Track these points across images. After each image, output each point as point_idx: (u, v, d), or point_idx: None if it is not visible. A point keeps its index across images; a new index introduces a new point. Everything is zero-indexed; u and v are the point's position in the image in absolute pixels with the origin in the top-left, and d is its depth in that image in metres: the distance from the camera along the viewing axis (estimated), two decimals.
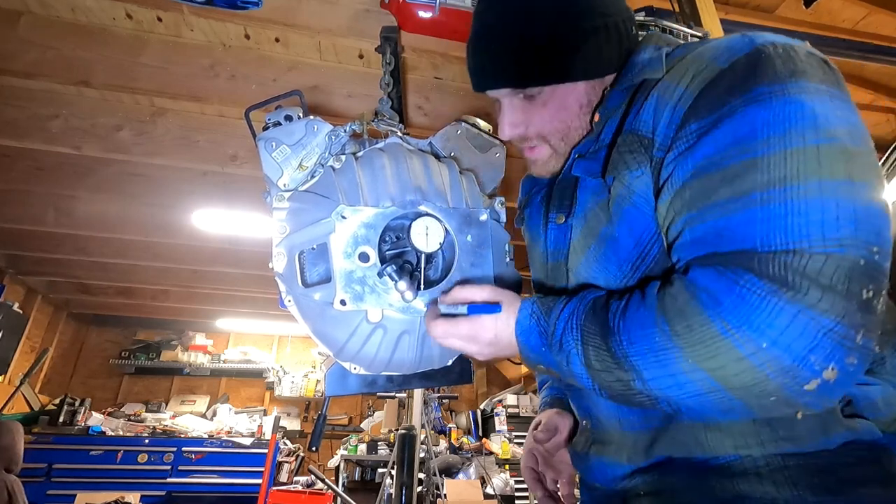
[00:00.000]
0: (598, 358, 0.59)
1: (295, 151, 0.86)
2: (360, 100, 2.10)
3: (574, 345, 0.62)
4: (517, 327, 0.69)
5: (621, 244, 0.68)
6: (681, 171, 0.59)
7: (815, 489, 0.56)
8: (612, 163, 0.68)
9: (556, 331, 0.65)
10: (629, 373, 0.57)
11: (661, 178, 0.62)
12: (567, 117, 0.74)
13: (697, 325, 0.52)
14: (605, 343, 0.59)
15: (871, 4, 2.22)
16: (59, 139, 2.16)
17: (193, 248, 3.52)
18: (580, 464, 0.83)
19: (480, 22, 0.73)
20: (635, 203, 0.66)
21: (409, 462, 2.30)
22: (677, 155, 0.60)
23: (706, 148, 0.57)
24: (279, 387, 5.64)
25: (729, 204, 0.54)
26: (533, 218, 0.88)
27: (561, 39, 0.67)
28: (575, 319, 0.63)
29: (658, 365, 0.54)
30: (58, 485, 4.11)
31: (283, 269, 0.81)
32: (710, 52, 0.62)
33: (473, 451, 4.24)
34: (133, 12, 1.86)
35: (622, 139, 0.68)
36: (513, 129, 0.76)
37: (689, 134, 0.59)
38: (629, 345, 0.57)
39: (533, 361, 0.69)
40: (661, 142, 0.63)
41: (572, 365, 0.63)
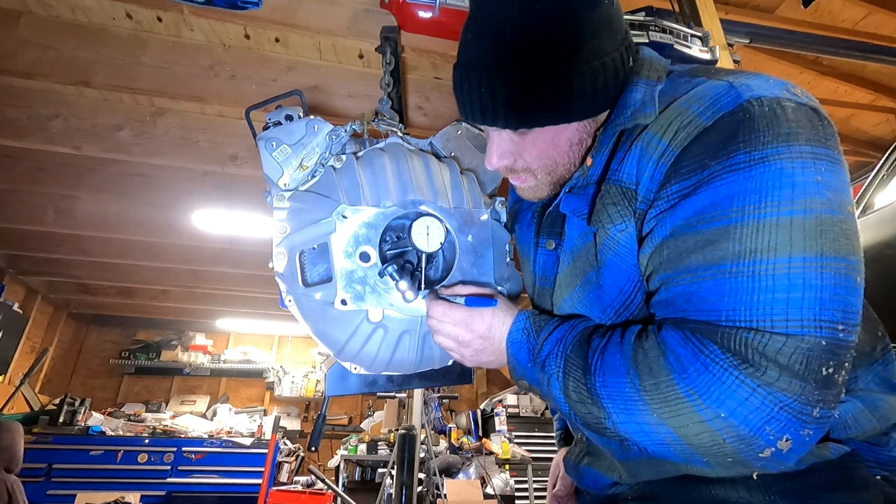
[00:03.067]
0: (577, 390, 0.63)
1: (295, 151, 0.86)
2: (360, 100, 2.10)
3: (556, 371, 0.65)
4: (509, 337, 0.72)
5: (605, 291, 0.69)
6: (660, 229, 0.60)
7: (785, 494, 0.58)
8: (595, 213, 0.68)
9: (541, 351, 0.68)
10: (602, 411, 0.60)
11: (644, 231, 0.63)
12: (555, 155, 0.71)
13: (664, 385, 0.55)
14: (584, 378, 0.62)
15: (871, 4, 2.23)
16: (59, 139, 2.16)
17: (193, 248, 3.52)
18: (573, 472, 0.85)
19: (468, 54, 0.66)
20: (619, 253, 0.66)
21: (409, 462, 2.30)
22: (658, 213, 0.61)
23: (684, 211, 0.58)
24: (279, 387, 5.64)
25: (699, 271, 0.56)
26: (523, 233, 0.89)
27: (555, 82, 0.63)
28: (561, 347, 0.66)
29: (626, 412, 0.58)
30: (58, 485, 4.11)
31: (283, 269, 0.81)
32: (696, 103, 0.61)
33: (473, 451, 4.23)
34: (133, 12, 1.86)
35: (605, 188, 0.68)
36: (500, 160, 0.73)
37: (670, 194, 0.60)
38: (602, 387, 0.60)
39: (518, 375, 0.72)
40: (643, 195, 0.63)
41: (552, 388, 0.66)
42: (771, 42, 1.96)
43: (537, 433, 4.79)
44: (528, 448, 4.60)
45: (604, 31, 0.63)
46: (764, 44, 1.97)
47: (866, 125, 2.82)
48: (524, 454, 4.40)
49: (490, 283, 0.87)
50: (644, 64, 0.70)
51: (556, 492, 0.99)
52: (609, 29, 0.64)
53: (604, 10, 0.63)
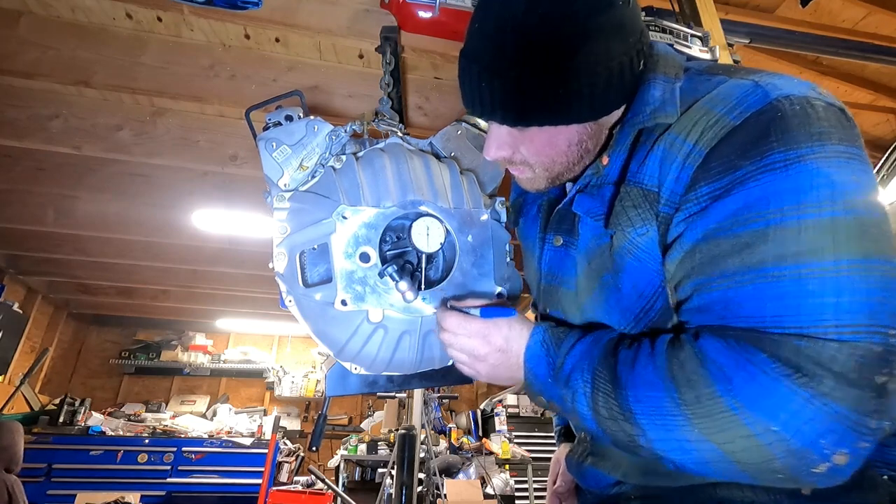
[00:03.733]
0: (607, 406, 0.59)
1: (295, 151, 0.86)
2: (360, 100, 2.10)
3: (583, 386, 0.61)
4: (527, 351, 0.68)
5: (624, 294, 0.67)
6: (691, 233, 0.58)
7: (791, 494, 0.57)
8: (615, 215, 0.66)
9: (563, 365, 0.64)
10: (635, 428, 0.56)
11: (670, 236, 0.61)
12: (553, 153, 0.70)
13: (706, 398, 0.51)
14: (614, 392, 0.58)
15: (871, 4, 2.23)
16: (59, 139, 2.16)
17: (193, 248, 3.52)
18: (575, 471, 0.84)
19: (471, 44, 0.66)
20: (639, 257, 0.64)
21: (409, 462, 2.30)
22: (687, 216, 0.58)
23: (717, 213, 0.55)
24: (279, 387, 5.64)
25: (737, 275, 0.53)
26: (528, 227, 0.87)
27: (553, 84, 0.61)
28: (587, 361, 0.62)
29: (664, 429, 0.54)
30: (58, 485, 4.11)
31: (283, 270, 0.81)
32: (721, 103, 0.59)
33: (473, 451, 4.23)
34: (133, 12, 1.86)
35: (625, 190, 0.65)
36: (498, 150, 0.72)
37: (699, 197, 0.57)
38: (636, 402, 0.56)
39: (535, 391, 0.68)
40: (667, 197, 0.61)
41: (577, 404, 0.62)
42: (771, 42, 1.96)
43: (537, 433, 4.79)
44: (528, 448, 4.60)
45: (611, 34, 0.61)
46: (764, 44, 1.97)
47: (866, 125, 2.82)
48: (524, 454, 4.40)
49: (490, 283, 0.87)
50: (660, 60, 0.68)
51: (556, 488, 0.97)
52: (619, 32, 0.61)
53: (614, 12, 0.60)
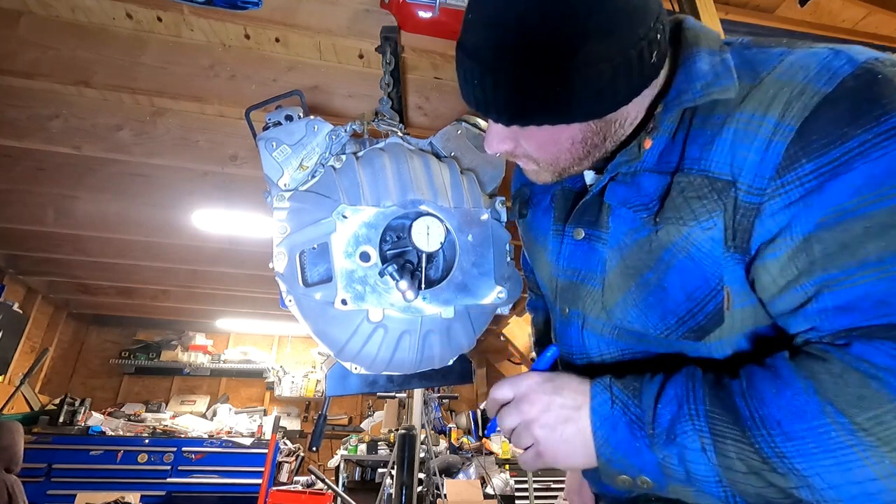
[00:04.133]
0: (743, 456, 0.47)
1: (295, 151, 0.86)
2: (360, 100, 2.10)
3: (698, 438, 0.49)
4: (593, 417, 0.56)
5: (669, 295, 0.59)
6: (802, 220, 0.49)
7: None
8: (671, 208, 0.58)
9: (657, 418, 0.52)
10: (792, 478, 0.45)
11: (763, 231, 0.52)
12: (556, 150, 0.64)
13: (889, 418, 0.42)
14: (746, 435, 0.47)
15: (871, 4, 2.23)
16: (59, 139, 2.16)
17: (193, 248, 3.52)
18: (591, 474, 0.75)
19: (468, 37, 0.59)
20: (693, 256, 0.57)
21: (409, 462, 2.30)
22: (790, 202, 0.50)
23: (836, 194, 0.48)
24: (279, 387, 5.64)
25: (886, 263, 0.45)
26: (539, 219, 0.81)
27: (553, 84, 0.54)
28: (692, 404, 0.51)
29: (838, 469, 0.43)
30: (58, 485, 4.11)
31: (283, 269, 0.81)
32: (801, 71, 0.52)
33: (473, 451, 4.24)
34: (133, 12, 1.86)
35: (686, 180, 0.57)
36: (499, 145, 0.66)
37: (803, 177, 0.49)
38: (786, 441, 0.45)
39: (616, 465, 0.55)
40: (749, 183, 0.52)
41: (692, 464, 0.50)
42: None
43: None
44: None
45: (616, 30, 0.53)
46: None
47: None
48: None
49: (490, 282, 0.87)
50: (698, 34, 0.61)
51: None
52: (625, 26, 0.53)
53: (618, 7, 0.52)
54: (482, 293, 0.86)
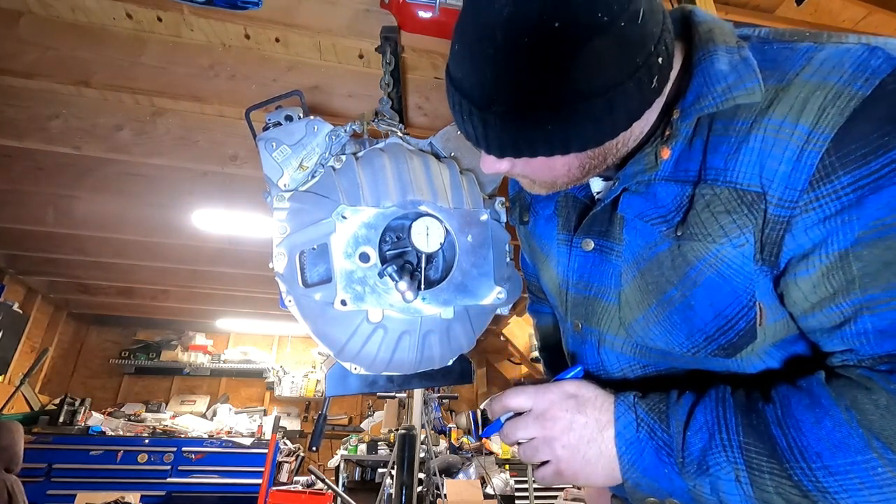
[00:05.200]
0: (781, 490, 0.45)
1: (295, 151, 0.86)
2: (360, 100, 2.10)
3: (731, 467, 0.47)
4: (618, 441, 0.54)
5: (697, 313, 0.56)
6: (839, 237, 0.46)
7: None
8: (696, 223, 0.54)
9: (687, 447, 0.50)
10: None
11: (796, 244, 0.49)
12: (551, 176, 0.60)
13: None
14: (784, 468, 0.45)
15: (871, 4, 2.23)
16: (59, 139, 2.16)
17: (193, 248, 3.52)
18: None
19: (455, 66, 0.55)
20: (722, 273, 0.53)
21: (409, 462, 2.30)
22: (825, 217, 0.46)
23: (877, 208, 0.44)
24: (279, 387, 5.64)
25: None
26: (542, 228, 0.78)
27: (545, 120, 0.50)
28: (726, 433, 0.49)
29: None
30: (58, 485, 4.11)
31: (283, 270, 0.81)
32: (833, 72, 0.48)
33: (473, 451, 4.24)
34: (133, 12, 1.86)
35: (710, 192, 0.53)
36: (495, 165, 0.60)
37: (839, 189, 0.46)
38: (828, 476, 0.43)
39: (644, 489, 0.53)
40: (781, 196, 0.49)
41: (725, 495, 0.48)
42: None
43: None
44: None
45: (612, 58, 0.47)
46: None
47: None
48: None
49: (490, 283, 0.87)
50: (711, 27, 0.56)
51: None
52: (623, 53, 0.48)
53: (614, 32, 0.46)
54: (482, 294, 0.86)
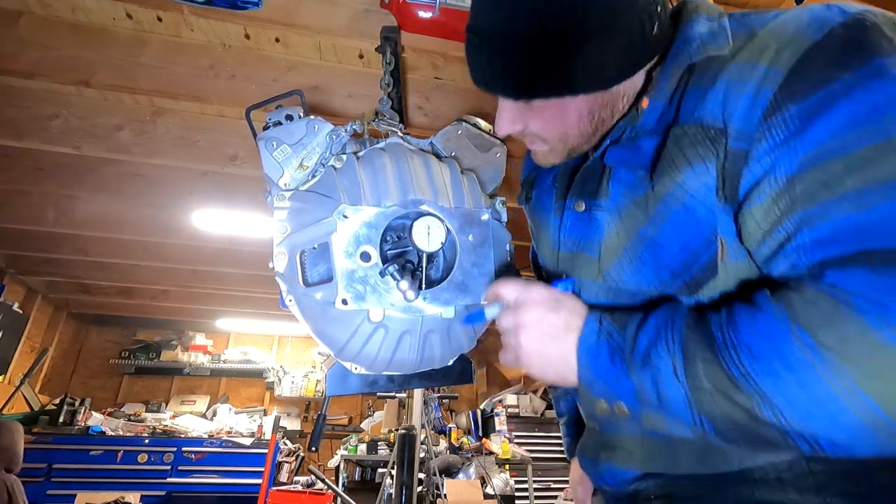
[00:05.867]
0: (711, 374, 0.47)
1: (296, 151, 0.86)
2: (360, 100, 2.09)
3: (670, 358, 0.50)
4: (580, 344, 0.58)
5: (664, 248, 0.59)
6: (785, 163, 0.49)
7: (845, 496, 0.50)
8: (665, 158, 0.59)
9: (637, 345, 0.54)
10: (754, 397, 0.45)
11: (750, 176, 0.52)
12: (563, 126, 0.66)
13: (856, 336, 0.41)
14: (717, 357, 0.47)
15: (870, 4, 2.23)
16: (59, 139, 2.15)
17: (193, 248, 3.52)
18: (590, 468, 0.76)
19: (473, 16, 0.63)
20: (687, 205, 0.57)
21: (409, 462, 2.30)
22: (775, 145, 0.50)
23: (818, 133, 0.48)
24: (279, 387, 5.64)
25: (864, 195, 0.44)
26: (543, 199, 0.82)
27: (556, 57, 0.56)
28: (670, 331, 0.52)
29: (799, 387, 0.43)
30: (58, 485, 4.11)
31: (284, 269, 0.81)
32: (790, 24, 0.53)
33: (473, 451, 4.23)
34: (133, 12, 1.85)
35: (680, 131, 0.58)
36: (510, 126, 0.69)
37: (788, 119, 0.49)
38: (752, 360, 0.45)
39: (595, 391, 0.57)
40: (738, 129, 0.53)
41: (663, 385, 0.51)
42: None
43: (537, 433, 4.79)
44: (528, 448, 4.60)
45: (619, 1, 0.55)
46: None
47: None
48: (524, 454, 4.40)
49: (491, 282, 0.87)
50: (699, 4, 0.64)
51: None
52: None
53: None
54: (482, 293, 0.86)
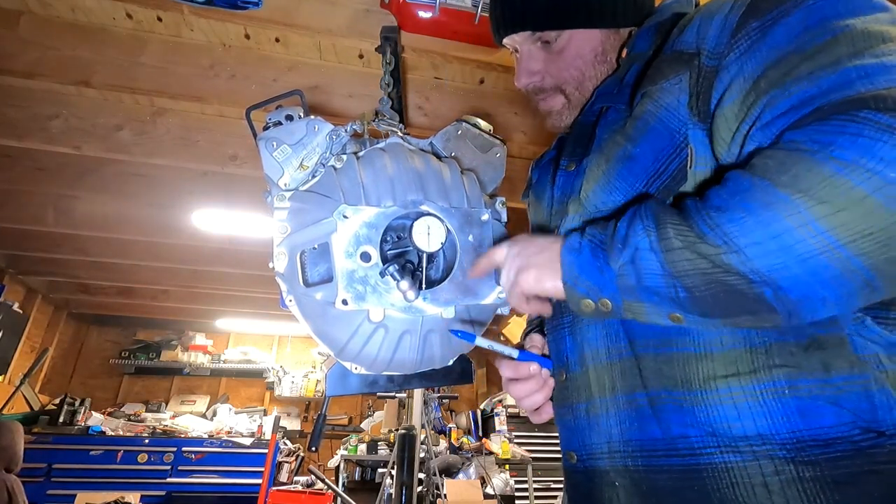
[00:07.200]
0: (680, 233, 0.50)
1: (296, 151, 0.86)
2: (360, 100, 2.10)
3: (646, 234, 0.52)
4: (564, 247, 0.60)
5: (638, 161, 0.63)
6: (751, 65, 0.55)
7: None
8: (647, 78, 0.65)
9: (616, 232, 0.56)
10: (720, 246, 0.47)
11: (720, 86, 0.58)
12: (582, 65, 0.77)
13: (805, 171, 0.44)
14: (685, 221, 0.51)
15: None
16: (59, 139, 2.15)
17: (193, 248, 3.52)
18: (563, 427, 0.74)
19: None
20: (662, 118, 0.62)
21: (409, 462, 2.30)
22: (741, 53, 0.56)
23: (777, 38, 0.54)
24: (279, 387, 5.64)
25: (815, 74, 0.49)
26: (541, 178, 0.89)
27: None
28: (646, 210, 0.55)
29: (760, 226, 0.45)
30: (58, 485, 4.10)
31: (284, 269, 0.81)
32: None
33: (473, 451, 4.23)
34: (133, 12, 1.86)
35: (658, 61, 0.66)
36: (529, 77, 0.79)
37: (750, 32, 0.56)
38: (719, 213, 0.48)
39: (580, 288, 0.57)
40: (711, 49, 0.59)
41: (641, 260, 0.52)
42: None
43: (537, 433, 4.79)
44: (528, 448, 4.60)
45: None
46: None
47: None
48: (524, 454, 4.40)
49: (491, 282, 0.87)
50: None
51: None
52: None
53: None
54: (483, 293, 0.86)
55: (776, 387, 0.52)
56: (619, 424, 0.63)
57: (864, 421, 0.49)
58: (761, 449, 0.51)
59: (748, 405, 0.53)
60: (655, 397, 0.59)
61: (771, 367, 0.52)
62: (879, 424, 0.48)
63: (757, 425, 0.52)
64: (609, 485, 0.64)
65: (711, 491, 0.53)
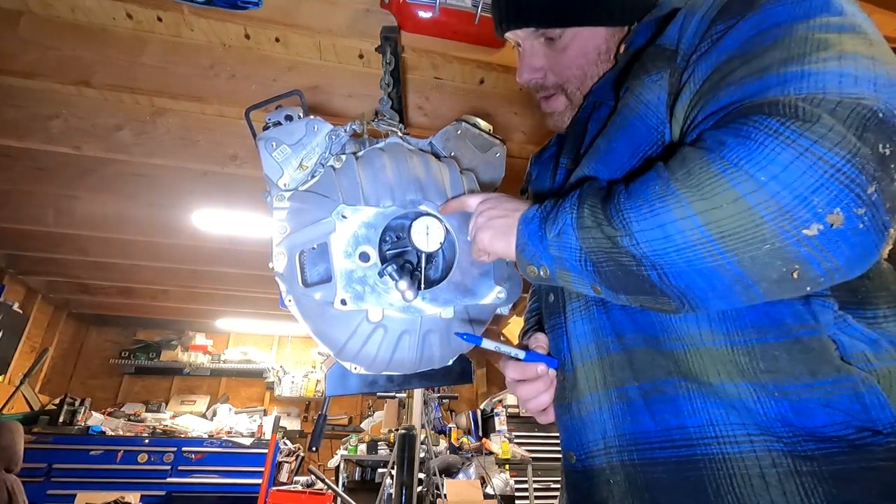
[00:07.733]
0: (593, 214, 0.55)
1: (295, 151, 0.86)
2: (360, 100, 2.10)
3: (570, 209, 0.58)
4: (521, 217, 0.65)
5: (615, 153, 0.65)
6: (702, 68, 0.58)
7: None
8: (631, 73, 0.67)
9: (556, 208, 0.61)
10: (619, 229, 0.52)
11: (683, 81, 0.60)
12: (585, 64, 0.76)
13: (697, 168, 0.48)
14: (601, 204, 0.55)
15: (871, 4, 2.22)
16: (59, 139, 2.16)
17: (193, 248, 3.52)
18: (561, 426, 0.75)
19: None
20: (641, 114, 0.64)
21: (409, 462, 2.30)
22: (699, 56, 0.59)
23: (729, 42, 0.56)
24: (279, 387, 5.64)
25: (745, 79, 0.52)
26: (541, 174, 0.89)
27: None
28: (581, 190, 0.60)
29: (651, 215, 0.50)
30: (58, 485, 4.10)
31: (283, 269, 0.81)
32: None
33: (473, 451, 4.23)
34: (133, 12, 1.86)
35: (645, 53, 0.67)
36: (531, 73, 0.78)
37: (714, 34, 0.58)
38: (626, 199, 0.53)
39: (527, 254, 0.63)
40: (685, 50, 0.61)
41: (564, 235, 0.58)
42: None
43: (537, 433, 4.79)
44: (528, 448, 4.60)
45: None
46: None
47: None
48: (524, 454, 4.40)
49: (490, 282, 0.87)
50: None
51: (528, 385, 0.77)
52: None
53: None
54: (482, 293, 0.86)
55: (766, 389, 0.52)
56: (612, 419, 0.64)
57: (859, 420, 0.49)
58: (759, 441, 0.52)
59: (742, 401, 0.53)
60: (649, 390, 0.60)
61: (757, 371, 0.53)
62: (875, 424, 0.48)
63: (755, 418, 0.52)
64: (605, 482, 0.64)
65: (707, 482, 0.53)
